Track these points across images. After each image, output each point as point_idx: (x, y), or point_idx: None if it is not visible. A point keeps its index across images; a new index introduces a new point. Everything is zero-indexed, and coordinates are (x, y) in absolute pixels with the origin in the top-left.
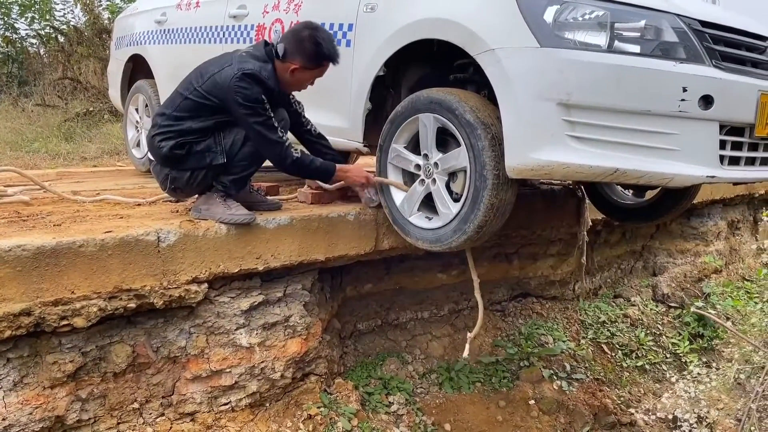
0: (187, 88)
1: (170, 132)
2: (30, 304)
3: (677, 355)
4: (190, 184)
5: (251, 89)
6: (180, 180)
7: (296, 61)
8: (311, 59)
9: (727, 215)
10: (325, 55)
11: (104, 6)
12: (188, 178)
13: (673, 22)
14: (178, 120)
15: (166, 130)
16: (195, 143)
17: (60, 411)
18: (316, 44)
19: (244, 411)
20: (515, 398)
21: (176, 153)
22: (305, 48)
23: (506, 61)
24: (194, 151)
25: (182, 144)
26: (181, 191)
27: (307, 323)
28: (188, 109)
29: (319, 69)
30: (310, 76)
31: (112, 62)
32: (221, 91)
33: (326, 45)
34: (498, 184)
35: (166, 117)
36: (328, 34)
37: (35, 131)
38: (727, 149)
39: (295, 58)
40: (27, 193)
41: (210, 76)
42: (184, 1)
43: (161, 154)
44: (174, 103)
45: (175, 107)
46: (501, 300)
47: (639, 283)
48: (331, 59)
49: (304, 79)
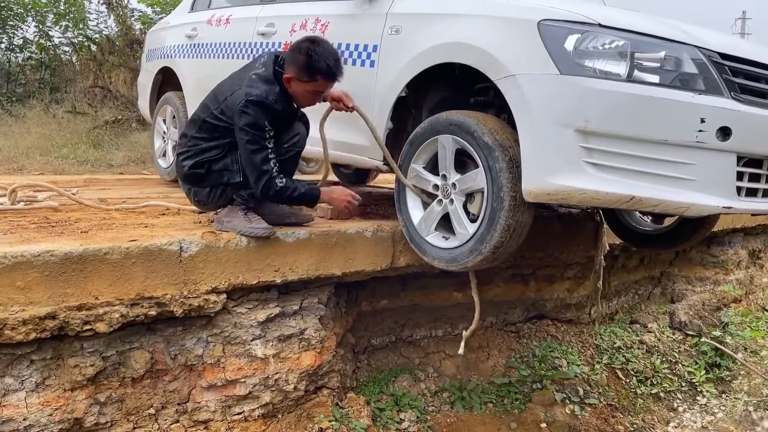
0: (204, 110)
1: (190, 151)
2: (55, 308)
3: (693, 384)
4: (212, 199)
5: (255, 116)
6: (201, 194)
7: (290, 71)
8: (302, 71)
9: (749, 244)
10: (316, 68)
11: (136, 17)
12: (208, 194)
13: (693, 53)
14: (197, 140)
15: (187, 150)
16: (213, 162)
17: (79, 413)
18: (308, 57)
19: (256, 421)
20: (526, 420)
21: (196, 172)
22: (298, 59)
23: (526, 87)
24: (213, 170)
25: (201, 163)
26: (204, 204)
27: (322, 337)
28: (206, 130)
29: (313, 83)
30: (305, 88)
31: (142, 73)
32: (231, 113)
33: (319, 59)
34: (515, 206)
35: (188, 138)
36: (327, 51)
37: (65, 137)
38: (744, 181)
39: (290, 68)
40: (55, 198)
41: (223, 99)
42: (215, 17)
43: (183, 172)
44: (194, 125)
45: (196, 128)
46: (516, 321)
47: (656, 309)
48: (323, 74)
49: (301, 91)
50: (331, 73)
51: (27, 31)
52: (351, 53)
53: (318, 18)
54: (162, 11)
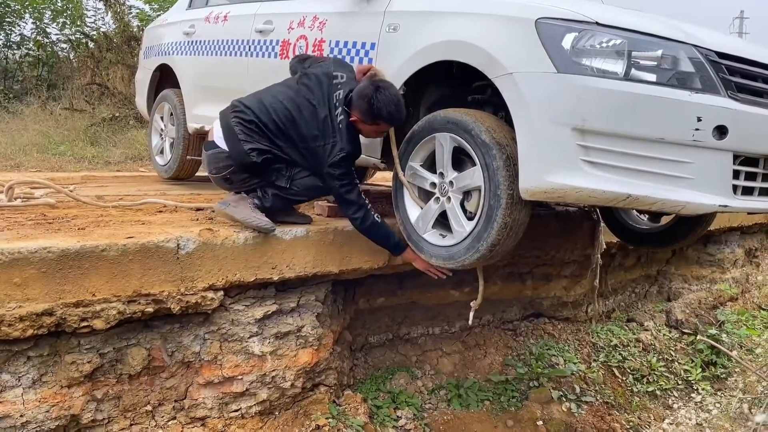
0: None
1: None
2: (52, 304)
3: (689, 382)
4: (241, 183)
5: (347, 165)
6: (237, 177)
7: (355, 114)
8: (365, 115)
9: (745, 243)
10: (378, 115)
11: (134, 14)
12: (243, 180)
13: (690, 52)
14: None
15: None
16: (275, 161)
17: (76, 410)
18: (369, 105)
19: (253, 418)
20: (523, 418)
21: (256, 163)
22: (362, 105)
23: (523, 85)
24: (270, 167)
25: (267, 160)
26: (231, 184)
27: (319, 334)
28: (285, 140)
29: (375, 126)
30: (370, 129)
31: (140, 70)
32: (320, 159)
33: (381, 107)
34: (512, 204)
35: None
36: (388, 98)
37: (62, 134)
38: (740, 179)
39: (355, 111)
40: (53, 195)
41: (314, 143)
42: (213, 15)
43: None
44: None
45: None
46: (513, 319)
47: (653, 307)
48: (385, 120)
49: (366, 130)
50: (392, 119)
51: (24, 27)
52: (349, 51)
53: (316, 16)
54: (160, 8)
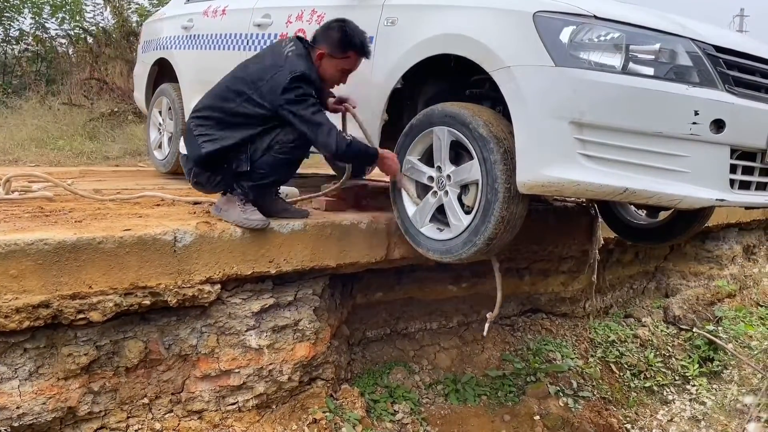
0: (237, 95)
1: (214, 136)
2: (49, 296)
3: (686, 378)
4: (210, 183)
5: (305, 89)
6: (202, 176)
7: (322, 47)
8: (336, 46)
9: (743, 239)
10: (350, 43)
11: (133, 9)
12: (208, 178)
13: (688, 46)
14: (224, 127)
15: (210, 134)
16: (231, 150)
17: (72, 402)
18: (342, 33)
19: (250, 412)
20: (520, 413)
21: (214, 158)
22: (331, 35)
23: (521, 79)
24: (228, 158)
25: (222, 150)
26: (202, 186)
27: (316, 328)
28: (236, 115)
29: (345, 59)
30: (336, 65)
31: (138, 65)
32: (275, 94)
33: (352, 34)
34: (509, 198)
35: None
36: (358, 29)
37: (60, 129)
38: (737, 173)
39: (322, 44)
40: (50, 189)
41: (264, 82)
42: (211, 8)
43: (198, 154)
44: (220, 110)
45: (224, 114)
46: (510, 315)
47: (650, 303)
48: (356, 48)
49: (332, 68)
50: (364, 48)
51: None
52: None
53: (314, 9)
54: (158, 3)
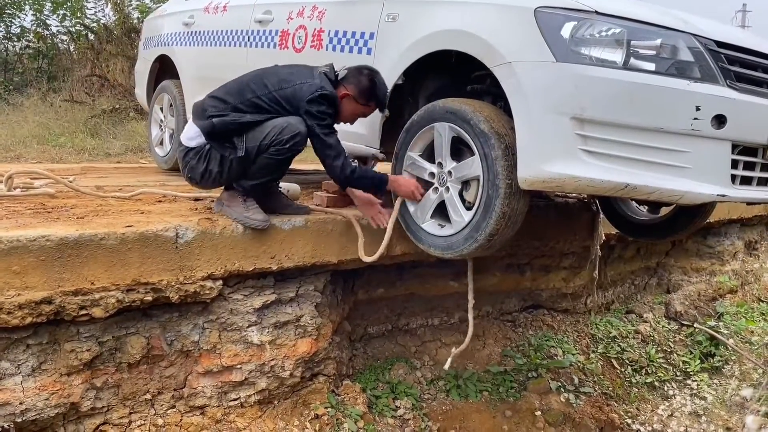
0: (259, 89)
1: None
2: (51, 292)
3: (687, 373)
4: (204, 179)
5: (326, 107)
6: (196, 172)
7: (349, 89)
8: (362, 93)
9: (745, 235)
10: (375, 95)
11: (134, 6)
12: (202, 174)
13: (689, 41)
14: (238, 110)
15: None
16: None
17: (75, 398)
18: (371, 82)
19: (252, 407)
20: (522, 409)
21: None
22: (361, 81)
23: (522, 75)
24: (229, 137)
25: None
26: (197, 183)
27: (318, 324)
28: (249, 105)
29: (365, 107)
30: (355, 109)
31: (139, 62)
32: (297, 101)
33: (380, 88)
34: (510, 194)
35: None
36: (384, 84)
37: (62, 126)
38: (739, 169)
39: (350, 86)
40: (52, 186)
41: (289, 86)
42: (212, 5)
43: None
44: (237, 97)
45: (239, 101)
46: (512, 310)
47: (652, 299)
48: (378, 102)
49: (350, 110)
50: (383, 103)
51: (24, 19)
52: (348, 41)
53: (315, 5)
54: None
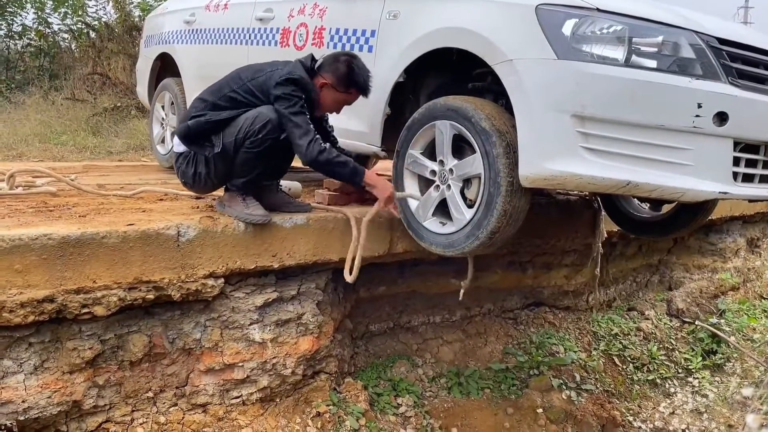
0: (234, 82)
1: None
2: (53, 291)
3: (689, 370)
4: (196, 183)
5: (294, 90)
6: (187, 175)
7: (326, 77)
8: (340, 80)
9: (747, 232)
10: (354, 81)
11: (135, 4)
12: (192, 176)
13: (691, 38)
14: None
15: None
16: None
17: (77, 396)
18: (349, 69)
19: (254, 405)
20: (523, 406)
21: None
22: (338, 68)
23: (523, 72)
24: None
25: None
26: (190, 186)
27: (320, 322)
28: (225, 100)
29: (346, 94)
30: (336, 97)
31: (140, 60)
32: (267, 87)
33: (359, 74)
34: (511, 191)
35: (207, 103)
36: (364, 68)
37: (64, 124)
38: (741, 166)
39: (327, 74)
40: (54, 184)
41: (261, 75)
42: (213, 3)
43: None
44: (215, 95)
45: (217, 97)
46: (514, 308)
47: (654, 297)
48: (359, 88)
49: (330, 98)
50: (366, 88)
51: (26, 17)
52: (349, 38)
53: (316, 3)
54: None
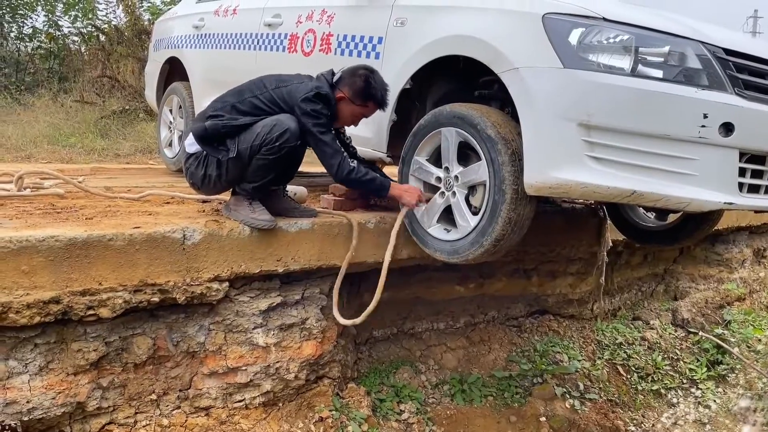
0: (257, 89)
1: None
2: (59, 292)
3: (694, 381)
4: (205, 185)
5: (321, 107)
6: (196, 176)
7: (344, 91)
8: (357, 94)
9: (753, 243)
10: (371, 95)
11: (145, 8)
12: (202, 178)
13: (697, 49)
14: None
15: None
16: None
17: (81, 397)
18: (366, 83)
19: (257, 409)
20: (526, 414)
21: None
22: (355, 82)
23: (530, 80)
24: (223, 140)
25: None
26: (198, 188)
27: (323, 327)
28: (247, 105)
29: (363, 108)
30: (353, 110)
31: (149, 63)
32: (292, 100)
33: (376, 88)
34: (516, 199)
35: (229, 106)
36: (382, 81)
37: (72, 126)
38: (746, 177)
39: (345, 87)
40: (61, 186)
41: (285, 86)
42: (222, 8)
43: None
44: (237, 97)
45: (238, 100)
46: (518, 315)
47: (659, 306)
48: (376, 102)
49: (348, 112)
50: (382, 102)
51: (36, 20)
52: (356, 45)
53: (324, 9)
54: (170, 1)
